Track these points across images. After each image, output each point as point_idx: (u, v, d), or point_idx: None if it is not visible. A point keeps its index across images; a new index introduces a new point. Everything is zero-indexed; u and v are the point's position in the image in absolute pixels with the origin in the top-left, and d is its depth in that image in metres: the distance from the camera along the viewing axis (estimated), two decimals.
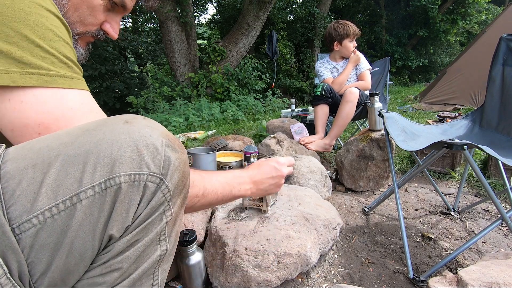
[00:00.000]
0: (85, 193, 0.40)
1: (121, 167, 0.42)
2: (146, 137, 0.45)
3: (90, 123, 0.45)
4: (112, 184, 0.41)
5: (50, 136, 0.43)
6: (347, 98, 2.13)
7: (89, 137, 0.42)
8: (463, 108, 4.27)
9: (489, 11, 11.59)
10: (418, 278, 1.00)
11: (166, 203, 0.47)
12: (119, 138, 0.43)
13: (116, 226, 0.42)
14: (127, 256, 0.44)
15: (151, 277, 0.48)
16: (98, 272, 0.43)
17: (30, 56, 0.45)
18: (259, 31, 6.52)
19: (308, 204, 1.17)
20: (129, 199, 0.43)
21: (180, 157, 0.48)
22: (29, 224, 0.38)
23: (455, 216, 1.48)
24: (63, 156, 0.40)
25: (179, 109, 5.00)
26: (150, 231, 0.46)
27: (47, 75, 0.46)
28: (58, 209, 0.39)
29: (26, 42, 0.45)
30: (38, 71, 0.45)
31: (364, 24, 11.55)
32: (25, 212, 0.38)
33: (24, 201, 0.38)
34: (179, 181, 0.48)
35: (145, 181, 0.43)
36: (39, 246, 0.38)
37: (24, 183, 0.38)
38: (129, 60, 12.03)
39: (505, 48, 1.50)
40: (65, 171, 0.40)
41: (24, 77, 0.44)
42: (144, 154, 0.44)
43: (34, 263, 0.39)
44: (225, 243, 0.96)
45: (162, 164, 0.45)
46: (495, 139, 1.44)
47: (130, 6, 0.67)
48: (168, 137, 0.48)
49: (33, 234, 0.38)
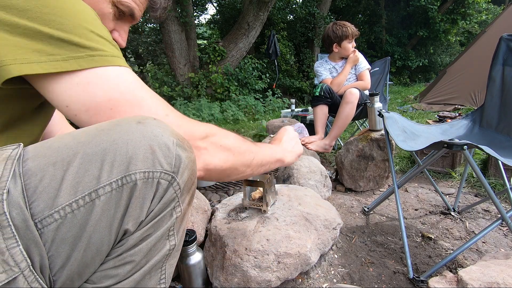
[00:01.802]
0: (103, 190, 0.42)
1: (137, 164, 0.44)
2: (159, 136, 0.46)
3: (103, 123, 0.47)
4: (128, 181, 0.43)
5: (67, 135, 0.45)
6: (347, 99, 2.13)
7: (105, 136, 0.44)
8: (463, 108, 4.27)
9: (489, 11, 11.59)
10: (418, 278, 1.00)
11: (177, 199, 0.49)
12: (134, 137, 0.45)
13: (131, 221, 0.44)
14: (139, 249, 0.46)
15: (159, 271, 0.50)
16: (112, 265, 0.45)
17: (87, 40, 0.48)
18: (259, 31, 6.52)
19: (308, 204, 1.17)
20: (143, 195, 0.45)
21: (189, 156, 0.50)
22: (50, 219, 0.40)
23: (455, 216, 1.48)
24: (81, 154, 0.42)
25: (179, 109, 5.00)
26: (161, 226, 0.48)
27: (105, 55, 0.49)
28: (78, 204, 0.41)
29: (80, 29, 0.48)
30: (98, 53, 0.48)
31: (364, 24, 11.55)
32: (47, 208, 0.40)
33: (46, 197, 0.40)
34: (188, 179, 0.50)
35: (158, 178, 0.45)
36: (59, 240, 0.40)
37: (46, 180, 0.40)
38: (129, 60, 12.02)
39: (505, 48, 1.50)
40: (84, 168, 0.42)
41: (87, 60, 0.47)
42: (157, 152, 0.45)
43: (54, 256, 0.40)
44: (225, 243, 0.96)
45: (174, 162, 0.47)
46: (495, 139, 1.44)
47: (138, 16, 0.68)
48: (178, 137, 0.49)
49: (54, 228, 0.40)
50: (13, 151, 0.41)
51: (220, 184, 1.55)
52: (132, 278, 0.46)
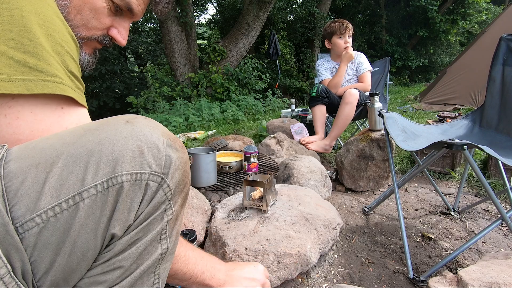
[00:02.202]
0: (87, 192, 0.40)
1: (123, 166, 0.42)
2: (148, 136, 0.45)
3: (92, 123, 0.46)
4: (114, 183, 0.42)
5: (53, 136, 0.43)
6: (347, 99, 2.13)
7: (91, 136, 0.43)
8: (463, 108, 4.27)
9: (489, 11, 11.58)
10: (418, 278, 1.00)
11: (167, 202, 0.47)
12: (121, 137, 0.43)
13: (118, 224, 0.43)
14: (128, 255, 0.44)
15: (152, 275, 0.49)
16: (100, 271, 0.43)
17: (45, 64, 0.45)
18: (259, 31, 6.52)
19: (308, 204, 1.17)
20: (131, 198, 0.43)
21: (181, 156, 0.48)
22: (32, 223, 0.38)
23: (455, 216, 1.48)
24: (65, 156, 0.41)
25: (179, 109, 4.99)
26: (151, 229, 0.46)
27: (60, 83, 0.46)
28: (61, 208, 0.39)
29: (42, 51, 0.45)
30: (53, 79, 0.45)
31: (364, 24, 11.55)
32: (28, 211, 0.38)
33: (27, 201, 0.38)
34: (180, 180, 0.49)
35: (146, 180, 0.44)
36: (42, 245, 0.39)
37: (27, 182, 0.39)
38: (129, 60, 12.03)
39: (505, 48, 1.50)
40: (67, 170, 0.40)
41: (39, 85, 0.44)
42: (145, 153, 0.44)
43: (37, 261, 0.39)
44: (225, 243, 0.96)
45: (164, 163, 0.45)
46: (495, 139, 1.44)
47: (137, 11, 0.63)
48: (169, 136, 0.48)
49: (36, 233, 0.38)
50: None
51: (220, 184, 1.55)
52: (122, 284, 0.45)
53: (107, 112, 7.87)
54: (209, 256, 0.74)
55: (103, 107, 7.93)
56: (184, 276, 0.64)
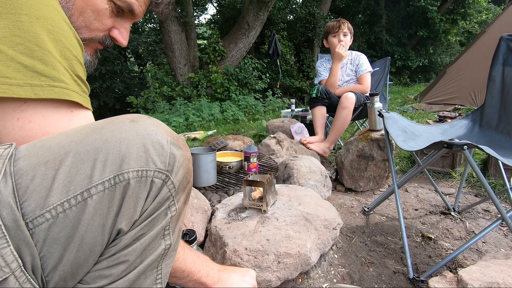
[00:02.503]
0: (95, 189, 0.42)
1: (129, 163, 0.44)
2: (152, 135, 0.46)
3: (97, 122, 0.47)
4: (121, 180, 0.43)
5: (60, 135, 0.44)
6: (343, 104, 2.14)
7: (98, 135, 0.44)
8: (463, 108, 4.27)
9: (489, 11, 11.58)
10: (418, 278, 1.00)
11: (171, 198, 0.48)
12: (127, 136, 0.45)
13: (124, 220, 0.44)
14: (133, 249, 0.46)
15: (155, 270, 0.50)
16: (106, 265, 0.45)
17: (52, 70, 0.46)
18: (259, 31, 6.51)
19: (308, 204, 1.17)
20: (137, 194, 0.44)
21: (184, 154, 0.50)
22: (42, 219, 0.39)
23: (455, 216, 1.48)
24: (73, 153, 0.42)
25: (179, 109, 4.99)
26: (156, 225, 0.48)
27: (66, 88, 0.47)
28: (69, 204, 0.40)
29: (50, 57, 0.45)
30: (59, 84, 0.46)
31: (364, 24, 11.55)
32: (38, 207, 0.39)
33: (37, 197, 0.39)
34: (183, 177, 0.50)
35: (152, 177, 0.45)
36: (51, 240, 0.40)
37: (37, 179, 0.40)
38: (129, 60, 12.03)
39: (505, 48, 1.50)
40: (76, 167, 0.41)
41: (46, 90, 0.45)
42: (150, 151, 0.45)
43: (46, 256, 0.40)
44: (225, 243, 0.96)
45: (168, 161, 0.47)
46: (495, 139, 1.44)
47: (138, 12, 0.64)
48: (172, 135, 0.49)
49: (46, 228, 0.39)
50: (5, 151, 0.41)
51: (220, 184, 1.55)
52: (127, 278, 0.46)
53: (107, 112, 7.87)
54: (203, 255, 0.77)
55: (103, 107, 7.93)
56: (182, 274, 0.66)
